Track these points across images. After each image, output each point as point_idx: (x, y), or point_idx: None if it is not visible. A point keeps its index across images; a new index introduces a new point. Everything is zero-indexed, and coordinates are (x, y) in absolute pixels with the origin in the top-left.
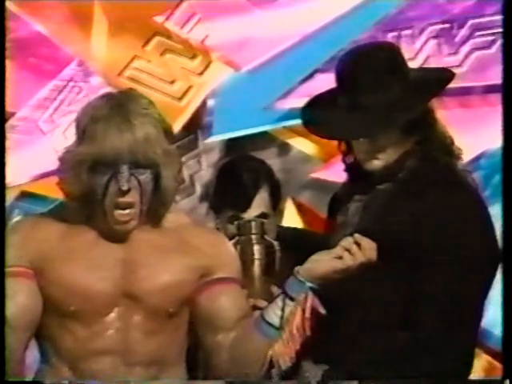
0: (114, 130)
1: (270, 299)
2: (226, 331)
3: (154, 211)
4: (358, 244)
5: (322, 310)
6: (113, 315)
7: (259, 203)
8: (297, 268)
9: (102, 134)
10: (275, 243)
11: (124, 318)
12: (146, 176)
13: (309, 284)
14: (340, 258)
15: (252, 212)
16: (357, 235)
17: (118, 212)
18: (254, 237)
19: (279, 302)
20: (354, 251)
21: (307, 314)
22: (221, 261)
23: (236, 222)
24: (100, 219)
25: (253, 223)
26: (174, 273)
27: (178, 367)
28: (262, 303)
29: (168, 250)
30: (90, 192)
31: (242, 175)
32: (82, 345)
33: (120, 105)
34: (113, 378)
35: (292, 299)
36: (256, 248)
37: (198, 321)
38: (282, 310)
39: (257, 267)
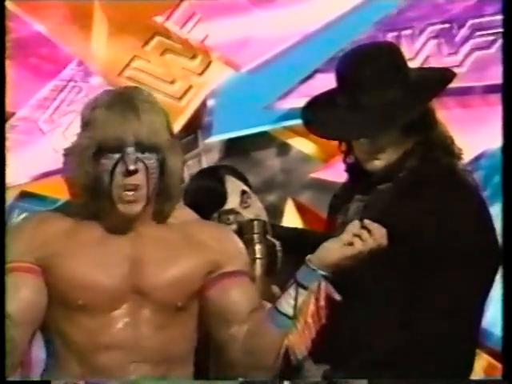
0: (118, 115)
1: (271, 299)
2: (239, 324)
3: (161, 206)
4: (367, 230)
5: (337, 297)
6: (121, 310)
7: (233, 187)
8: (308, 256)
9: (106, 120)
10: (277, 243)
11: (132, 312)
12: (152, 161)
13: (321, 272)
14: (351, 244)
15: (233, 198)
16: (366, 221)
17: (125, 193)
18: (255, 236)
19: (292, 291)
20: (364, 237)
21: (322, 302)
22: (228, 255)
23: (238, 222)
24: (107, 209)
25: (255, 223)
26: (181, 267)
27: (187, 363)
28: (264, 303)
29: (175, 245)
30: (96, 180)
31: (202, 188)
32: (91, 338)
33: (123, 94)
34: (122, 373)
35: (304, 288)
36: (258, 247)
37: (210, 315)
38: (295, 299)
39: (258, 267)
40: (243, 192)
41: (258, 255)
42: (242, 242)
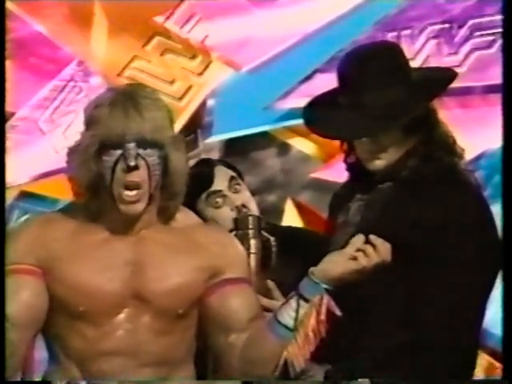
0: (121, 112)
1: (266, 294)
2: (238, 332)
3: (165, 204)
4: (372, 245)
5: (338, 312)
6: (122, 316)
7: (221, 172)
8: (311, 269)
9: (108, 117)
10: (271, 238)
11: (133, 318)
12: (154, 158)
13: (324, 285)
14: (355, 259)
15: (221, 182)
16: (371, 236)
17: (126, 193)
18: (250, 231)
19: (293, 303)
20: (369, 252)
21: (322, 316)
22: (230, 261)
23: (234, 217)
24: (109, 208)
25: (250, 218)
26: (183, 274)
27: (187, 368)
28: (259, 298)
29: (177, 250)
30: (99, 178)
31: (191, 174)
32: (91, 345)
33: (126, 91)
34: (122, 379)
35: (306, 300)
36: (252, 242)
37: (209, 322)
38: (296, 311)
39: (253, 261)
40: (232, 178)
41: (252, 250)
42: (236, 236)
